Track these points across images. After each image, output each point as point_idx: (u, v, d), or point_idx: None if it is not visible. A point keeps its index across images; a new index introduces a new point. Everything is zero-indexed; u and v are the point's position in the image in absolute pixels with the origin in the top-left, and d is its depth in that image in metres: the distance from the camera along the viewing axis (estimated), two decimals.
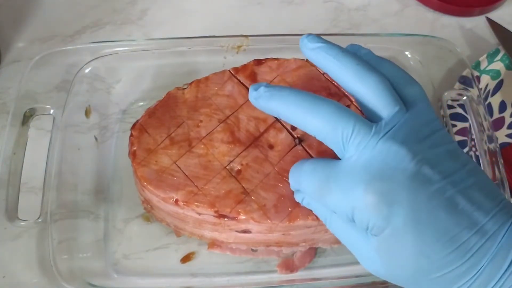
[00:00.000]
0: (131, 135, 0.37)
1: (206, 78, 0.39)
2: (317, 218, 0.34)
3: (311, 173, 0.30)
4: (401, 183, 0.26)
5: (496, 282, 0.25)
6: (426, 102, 0.29)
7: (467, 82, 0.44)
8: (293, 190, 0.33)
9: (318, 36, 0.30)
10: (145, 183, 0.35)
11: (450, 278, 0.25)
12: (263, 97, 0.30)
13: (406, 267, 0.26)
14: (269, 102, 0.30)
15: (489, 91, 0.48)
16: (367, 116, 0.28)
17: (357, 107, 0.37)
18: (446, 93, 0.43)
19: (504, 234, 0.25)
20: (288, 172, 0.35)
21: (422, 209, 0.25)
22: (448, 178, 0.26)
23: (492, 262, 0.25)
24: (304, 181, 0.30)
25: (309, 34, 0.31)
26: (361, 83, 0.28)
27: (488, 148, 0.40)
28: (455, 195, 0.26)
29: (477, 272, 0.25)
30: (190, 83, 0.39)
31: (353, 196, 0.27)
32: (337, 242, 0.38)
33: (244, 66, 0.40)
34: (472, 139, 0.41)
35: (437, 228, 0.25)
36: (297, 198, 0.33)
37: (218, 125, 0.37)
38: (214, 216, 0.34)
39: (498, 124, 0.48)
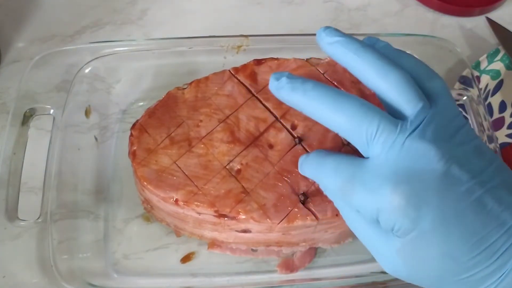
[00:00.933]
0: (131, 135, 0.37)
1: (206, 78, 0.39)
2: (316, 219, 0.34)
3: (335, 171, 0.29)
4: (429, 185, 0.25)
5: None
6: (449, 96, 0.28)
7: (467, 82, 0.44)
8: (308, 177, 0.32)
9: (336, 30, 0.29)
10: (145, 183, 0.35)
11: (477, 280, 0.25)
12: (285, 89, 0.29)
13: (431, 269, 0.26)
14: (291, 95, 0.28)
15: (489, 91, 0.48)
16: (390, 113, 0.28)
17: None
18: None
19: None
20: (288, 171, 0.35)
21: (450, 211, 0.25)
22: (477, 178, 0.25)
23: None
24: (326, 177, 0.29)
25: (327, 27, 0.29)
26: (383, 79, 0.27)
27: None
28: (483, 195, 0.25)
29: (503, 273, 0.25)
30: (190, 83, 0.39)
31: (379, 197, 0.26)
32: (337, 242, 0.38)
33: (244, 66, 0.40)
34: None
35: (465, 230, 0.25)
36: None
37: (218, 125, 0.37)
38: (214, 215, 0.34)
39: (498, 124, 0.48)
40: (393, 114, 0.27)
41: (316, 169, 0.30)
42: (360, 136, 0.27)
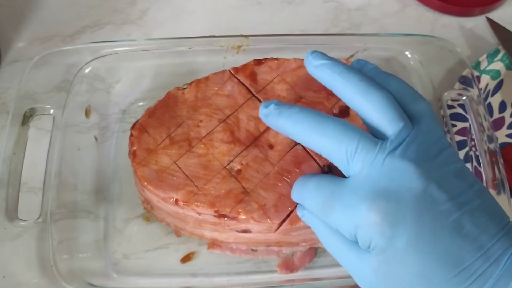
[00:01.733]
0: (131, 135, 0.37)
1: (206, 78, 0.39)
2: None
3: (316, 190, 0.29)
4: (406, 203, 0.25)
5: None
6: (433, 118, 0.29)
7: (467, 82, 0.44)
8: (296, 202, 0.33)
9: (322, 53, 0.30)
10: (145, 183, 0.35)
11: None
12: (272, 115, 0.30)
13: None
14: (278, 120, 0.29)
15: (489, 91, 0.48)
16: (373, 133, 0.28)
17: None
18: (446, 93, 0.43)
19: (508, 259, 0.25)
20: (288, 172, 0.35)
21: (426, 231, 0.25)
22: (455, 199, 0.26)
23: (495, 287, 0.24)
24: (308, 197, 0.30)
25: (314, 51, 0.30)
26: (364, 99, 0.28)
27: (488, 148, 0.40)
28: (461, 217, 0.25)
29: None
30: (190, 83, 0.39)
31: (356, 214, 0.26)
32: None
33: (244, 66, 0.40)
34: (472, 139, 0.41)
35: (441, 251, 0.25)
36: (298, 212, 0.32)
37: (218, 125, 0.37)
38: (214, 216, 0.34)
39: (498, 124, 0.48)
40: (377, 135, 0.28)
41: (300, 191, 0.31)
42: (341, 155, 0.27)
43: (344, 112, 0.38)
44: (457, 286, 0.25)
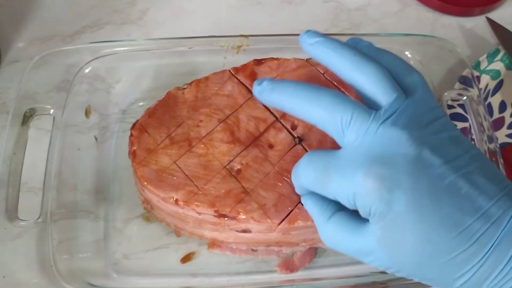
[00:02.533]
0: (131, 135, 0.37)
1: (206, 78, 0.39)
2: None
3: (308, 164, 0.30)
4: (401, 168, 0.26)
5: (502, 268, 0.24)
6: (427, 89, 0.29)
7: (467, 82, 0.44)
8: (298, 193, 0.33)
9: (317, 32, 0.31)
10: (145, 183, 0.35)
11: (455, 264, 0.25)
12: (265, 91, 0.31)
13: (410, 253, 0.26)
14: (271, 95, 0.30)
15: (489, 91, 0.48)
16: (368, 105, 0.29)
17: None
18: (446, 93, 0.43)
19: (510, 220, 0.25)
20: (288, 171, 0.35)
21: (424, 194, 0.25)
22: (451, 163, 0.26)
23: (497, 248, 0.24)
24: (301, 173, 0.30)
25: (308, 30, 0.31)
26: (358, 72, 0.28)
27: (488, 148, 0.40)
28: (457, 179, 0.25)
29: (482, 258, 0.25)
30: (190, 83, 0.39)
31: (353, 182, 0.26)
32: None
33: (244, 66, 0.40)
34: (472, 139, 0.41)
35: (440, 213, 0.25)
36: (302, 200, 0.32)
37: (218, 125, 0.37)
38: (214, 215, 0.34)
39: (498, 124, 0.48)
40: (370, 106, 0.28)
41: (295, 170, 0.31)
42: (335, 125, 0.28)
43: None
44: (459, 247, 0.25)
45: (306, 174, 0.30)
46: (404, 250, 0.26)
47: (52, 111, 0.41)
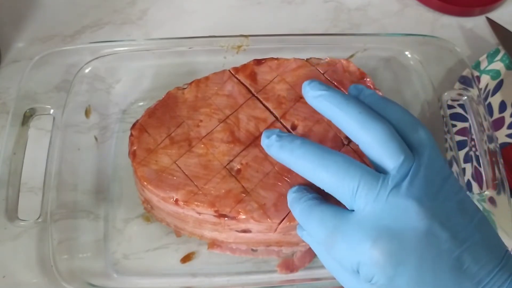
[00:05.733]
0: (131, 135, 0.37)
1: (206, 78, 0.39)
2: None
3: (320, 222, 0.29)
4: (409, 243, 0.25)
5: None
6: (434, 147, 0.29)
7: (467, 82, 0.44)
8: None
9: (320, 83, 0.30)
10: (145, 183, 0.35)
11: None
12: (274, 146, 0.30)
13: None
14: (279, 153, 0.30)
15: (489, 91, 0.48)
16: (374, 166, 0.28)
17: None
18: (446, 93, 0.43)
19: None
20: (288, 171, 0.35)
21: (427, 270, 0.25)
22: (457, 237, 0.26)
23: None
24: (312, 228, 0.29)
25: (312, 81, 0.31)
26: (364, 132, 0.28)
27: (488, 148, 0.40)
28: (461, 254, 0.25)
29: None
30: (190, 83, 0.39)
31: (359, 251, 0.26)
32: None
33: (244, 66, 0.40)
34: (472, 139, 0.41)
35: None
36: (298, 232, 0.33)
37: (218, 125, 0.37)
38: (214, 215, 0.34)
39: (498, 124, 0.48)
40: (378, 168, 0.28)
41: (304, 219, 0.30)
42: (344, 191, 0.27)
43: None
44: None
45: (319, 232, 0.29)
46: None
47: (52, 111, 0.41)
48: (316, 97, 0.30)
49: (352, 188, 0.27)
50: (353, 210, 0.28)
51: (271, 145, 0.30)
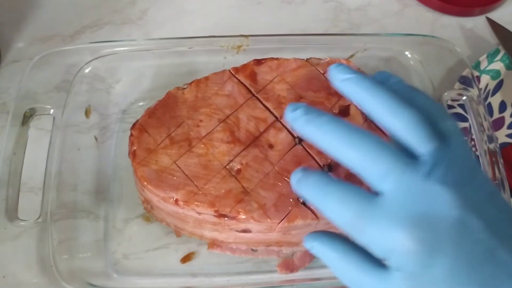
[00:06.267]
0: (131, 135, 0.37)
1: (206, 78, 0.39)
2: (316, 218, 0.34)
3: (342, 204, 0.27)
4: (444, 232, 0.25)
5: None
6: (462, 137, 0.28)
7: (467, 82, 0.44)
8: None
9: (348, 67, 0.29)
10: (145, 183, 0.35)
11: None
12: (300, 120, 0.28)
13: None
14: (306, 127, 0.28)
15: (489, 91, 0.48)
16: (403, 151, 0.27)
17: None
18: (446, 93, 0.43)
19: None
20: (288, 171, 0.35)
21: (462, 259, 0.25)
22: (491, 227, 0.25)
23: None
24: (333, 209, 0.27)
25: (339, 64, 0.30)
26: (395, 118, 0.27)
27: (488, 148, 0.40)
28: (496, 245, 0.25)
29: None
30: (190, 83, 0.39)
31: (391, 238, 0.25)
32: None
33: (244, 66, 0.40)
34: (472, 139, 0.41)
35: (476, 279, 0.25)
36: (307, 245, 0.30)
37: (218, 125, 0.37)
38: (214, 215, 0.34)
39: (498, 124, 0.48)
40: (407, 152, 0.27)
41: (319, 197, 0.28)
42: (372, 173, 0.26)
43: (344, 111, 0.38)
44: None
45: (341, 215, 0.27)
46: None
47: (52, 111, 0.41)
48: (344, 80, 0.29)
49: (382, 170, 0.26)
50: (377, 193, 0.27)
51: (297, 118, 0.28)
